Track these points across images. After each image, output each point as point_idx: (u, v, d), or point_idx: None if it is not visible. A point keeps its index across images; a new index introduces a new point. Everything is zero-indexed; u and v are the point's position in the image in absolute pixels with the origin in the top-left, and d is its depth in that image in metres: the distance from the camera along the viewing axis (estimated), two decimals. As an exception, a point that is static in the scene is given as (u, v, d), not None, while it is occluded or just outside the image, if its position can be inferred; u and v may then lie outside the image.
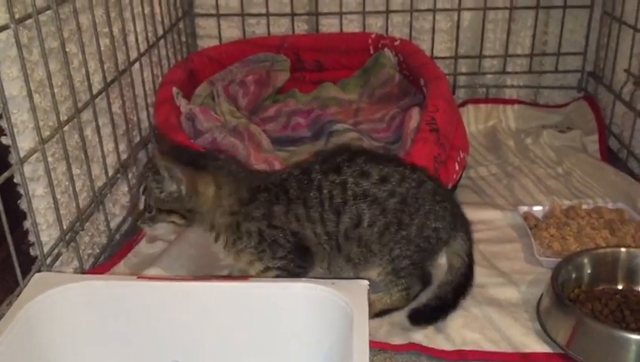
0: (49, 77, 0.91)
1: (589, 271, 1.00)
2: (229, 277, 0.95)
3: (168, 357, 0.84)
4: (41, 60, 0.91)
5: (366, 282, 0.82)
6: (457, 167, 1.29)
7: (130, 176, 1.25)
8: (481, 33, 1.67)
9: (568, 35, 1.66)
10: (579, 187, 1.37)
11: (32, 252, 0.95)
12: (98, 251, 1.12)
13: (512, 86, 1.73)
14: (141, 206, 0.91)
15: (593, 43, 1.65)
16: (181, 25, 1.60)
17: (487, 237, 1.20)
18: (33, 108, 0.87)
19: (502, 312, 0.99)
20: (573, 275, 0.99)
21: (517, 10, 1.65)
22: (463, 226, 1.01)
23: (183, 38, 1.62)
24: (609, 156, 1.48)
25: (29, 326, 0.78)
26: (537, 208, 1.25)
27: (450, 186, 1.28)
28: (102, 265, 1.10)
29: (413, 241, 0.95)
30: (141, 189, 0.91)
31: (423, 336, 0.95)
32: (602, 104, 1.60)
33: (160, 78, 1.42)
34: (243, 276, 0.92)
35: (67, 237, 0.98)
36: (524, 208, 1.25)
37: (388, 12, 1.66)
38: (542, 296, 1.00)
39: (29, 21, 0.88)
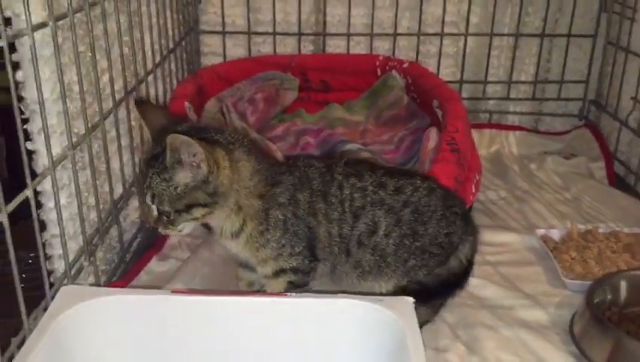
0: (80, 80, 0.87)
1: (624, 293, 0.99)
2: (265, 293, 0.91)
3: (202, 376, 0.80)
4: (70, 63, 0.88)
5: (412, 299, 0.80)
6: (474, 189, 1.28)
7: (141, 190, 1.20)
8: (487, 59, 1.69)
9: (571, 63, 1.69)
10: (590, 212, 1.37)
11: (48, 266, 0.90)
12: (110, 268, 1.07)
13: (515, 112, 1.75)
14: (155, 213, 0.84)
15: (596, 72, 1.67)
16: (186, 41, 1.57)
17: (506, 260, 1.19)
18: (65, 112, 0.83)
19: (534, 334, 0.98)
20: (609, 296, 0.98)
21: (522, 38, 1.67)
22: (473, 231, 1.00)
23: (187, 55, 1.59)
24: (617, 182, 1.49)
25: (60, 340, 0.73)
26: (554, 231, 1.25)
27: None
28: (116, 282, 1.04)
29: (427, 250, 0.94)
30: (148, 199, 0.83)
31: (457, 357, 0.93)
32: (605, 131, 1.62)
33: (170, 93, 1.39)
34: (281, 292, 0.88)
35: (88, 250, 0.92)
36: (541, 231, 1.25)
37: (395, 35, 1.67)
38: (574, 317, 0.99)
39: (61, 22, 0.85)
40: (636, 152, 1.44)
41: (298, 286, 0.94)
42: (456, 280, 0.99)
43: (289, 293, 0.83)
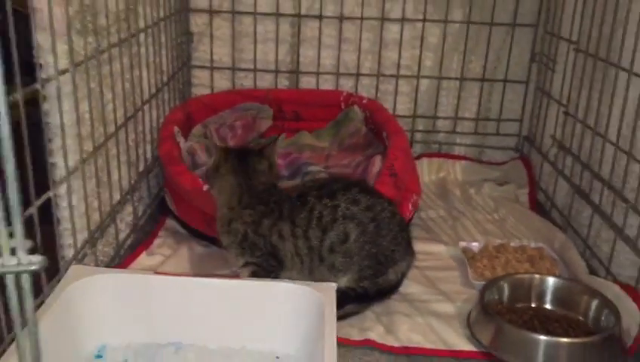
0: (90, 110, 1.14)
1: (508, 292, 1.26)
2: (226, 276, 1.18)
3: (173, 338, 1.05)
4: (83, 97, 1.15)
5: (334, 285, 1.06)
6: (411, 207, 1.55)
7: (134, 198, 1.47)
8: (436, 98, 1.97)
9: (508, 104, 1.97)
10: (510, 230, 1.64)
11: (61, 252, 1.16)
12: (107, 260, 1.33)
13: (460, 144, 2.02)
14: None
15: (528, 112, 1.96)
16: (179, 74, 1.85)
17: (432, 265, 1.45)
18: (79, 135, 1.10)
19: (440, 321, 1.23)
20: (496, 295, 1.24)
21: (466, 81, 1.95)
22: (412, 254, 1.27)
23: (180, 86, 1.87)
24: (537, 207, 1.76)
25: (68, 304, 0.99)
26: (474, 244, 1.51)
27: (404, 222, 1.53)
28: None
29: (377, 257, 1.19)
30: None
31: (376, 335, 1.18)
32: (534, 163, 1.89)
33: (162, 119, 1.66)
34: (236, 275, 1.15)
35: (91, 241, 1.19)
36: (463, 243, 1.51)
37: (358, 75, 1.95)
38: (471, 309, 1.25)
39: (79, 67, 1.12)
40: (552, 182, 1.71)
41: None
42: (390, 289, 1.25)
43: (245, 278, 1.10)
